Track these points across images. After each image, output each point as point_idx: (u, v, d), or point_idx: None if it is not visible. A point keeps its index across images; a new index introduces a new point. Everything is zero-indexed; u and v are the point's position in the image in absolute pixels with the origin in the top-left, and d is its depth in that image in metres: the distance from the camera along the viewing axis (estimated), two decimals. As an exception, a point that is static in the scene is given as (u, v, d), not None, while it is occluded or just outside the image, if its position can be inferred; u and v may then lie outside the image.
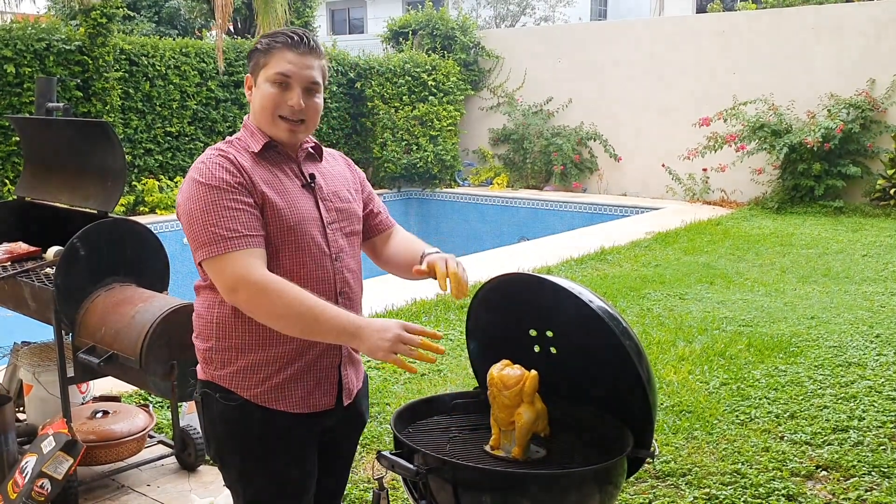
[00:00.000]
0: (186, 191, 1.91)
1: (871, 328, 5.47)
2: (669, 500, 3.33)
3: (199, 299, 2.03)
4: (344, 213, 2.08)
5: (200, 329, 2.03)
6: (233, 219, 1.86)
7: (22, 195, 3.92)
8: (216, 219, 1.85)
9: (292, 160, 2.04)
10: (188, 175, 1.94)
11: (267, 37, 2.00)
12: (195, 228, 1.87)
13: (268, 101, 1.96)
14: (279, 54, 1.95)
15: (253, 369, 1.96)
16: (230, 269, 1.84)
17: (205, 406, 2.03)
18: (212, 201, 1.86)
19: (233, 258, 1.84)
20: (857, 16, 10.69)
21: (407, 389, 4.51)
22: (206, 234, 1.85)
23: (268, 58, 1.96)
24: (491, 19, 27.85)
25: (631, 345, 1.88)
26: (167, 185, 10.88)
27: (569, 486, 1.84)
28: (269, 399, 1.97)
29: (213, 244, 1.85)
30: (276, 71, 1.95)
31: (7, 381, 3.88)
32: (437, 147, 13.34)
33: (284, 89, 1.96)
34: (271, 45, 1.97)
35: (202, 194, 1.87)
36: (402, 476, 1.90)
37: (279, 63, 1.95)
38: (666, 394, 4.38)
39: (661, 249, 8.35)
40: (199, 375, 2.06)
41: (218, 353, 1.98)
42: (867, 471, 3.51)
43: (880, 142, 10.46)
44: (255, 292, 1.84)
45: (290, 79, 1.95)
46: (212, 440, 2.06)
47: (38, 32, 9.80)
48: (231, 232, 1.85)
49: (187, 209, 1.89)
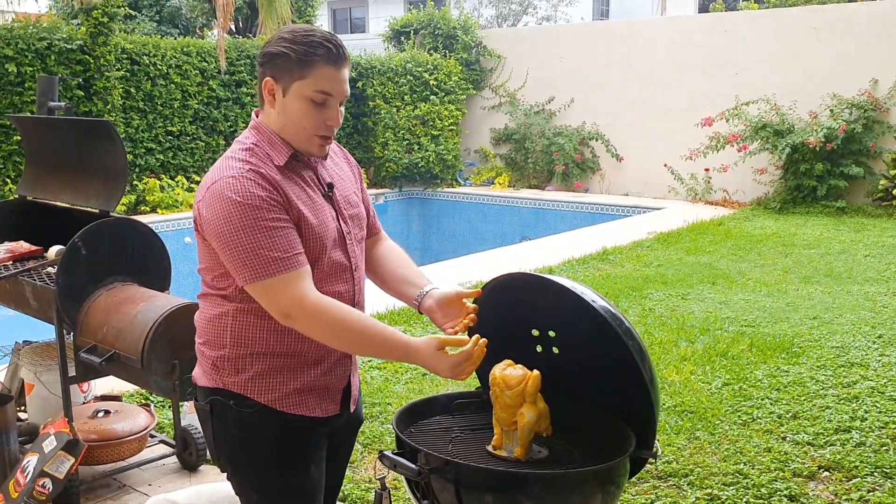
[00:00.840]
0: (220, 209, 1.79)
1: (873, 328, 5.46)
2: (671, 500, 3.32)
3: (209, 306, 1.97)
4: (356, 219, 2.05)
5: (210, 337, 1.96)
6: (279, 238, 1.79)
7: (23, 194, 3.92)
8: (261, 240, 1.77)
9: (309, 167, 1.96)
10: (215, 190, 1.81)
11: (302, 44, 1.83)
12: (237, 250, 1.78)
13: (305, 119, 1.86)
14: (320, 69, 1.83)
15: (270, 375, 1.92)
16: (283, 294, 1.79)
17: (215, 414, 1.96)
18: (253, 221, 1.77)
19: (284, 281, 1.79)
20: (860, 15, 10.68)
21: (408, 389, 4.51)
22: (251, 257, 1.77)
23: (305, 70, 1.82)
24: (493, 19, 27.86)
25: (634, 345, 1.88)
26: (168, 184, 10.88)
27: (571, 486, 1.83)
28: (286, 404, 1.94)
29: (261, 267, 1.78)
30: (317, 89, 1.83)
31: (8, 381, 3.88)
32: (439, 147, 13.34)
33: (323, 107, 1.85)
34: (309, 57, 1.82)
35: (241, 214, 1.77)
36: (404, 476, 1.90)
37: (320, 81, 1.83)
38: (668, 394, 4.38)
39: (663, 249, 8.35)
40: (204, 382, 1.99)
41: (231, 361, 1.93)
42: (869, 471, 3.50)
43: (883, 142, 10.44)
44: (311, 317, 1.81)
45: (331, 97, 1.85)
46: (222, 448, 2.00)
47: (39, 31, 9.80)
48: (280, 252, 1.78)
49: (224, 230, 1.79)
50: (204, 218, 1.83)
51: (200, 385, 2.01)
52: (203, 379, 1.99)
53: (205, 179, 1.88)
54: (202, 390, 2.00)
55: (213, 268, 1.92)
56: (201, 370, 2.01)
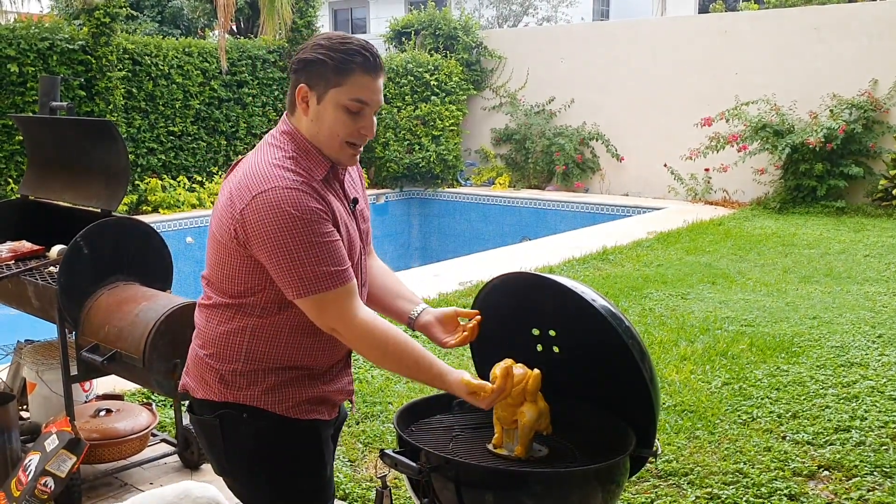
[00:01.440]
0: (275, 221, 1.74)
1: (873, 328, 5.47)
2: (671, 499, 3.33)
3: (216, 317, 1.92)
4: (367, 235, 2.05)
5: (220, 350, 1.91)
6: (333, 253, 1.79)
7: (25, 194, 3.94)
8: (317, 254, 1.76)
9: (337, 179, 1.94)
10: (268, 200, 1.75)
11: (339, 51, 1.81)
12: (292, 264, 1.76)
13: (340, 127, 1.83)
14: (357, 77, 1.81)
15: (283, 387, 1.91)
16: (333, 308, 1.80)
17: (225, 429, 1.92)
18: (310, 235, 1.75)
19: (335, 297, 1.79)
20: (860, 16, 10.69)
21: (409, 389, 4.52)
22: (307, 271, 1.76)
23: (342, 78, 1.80)
24: (493, 19, 27.85)
25: (634, 344, 1.89)
26: (170, 184, 10.90)
27: (571, 484, 1.85)
28: (301, 412, 1.93)
29: (315, 282, 1.77)
30: (353, 97, 1.81)
31: (10, 380, 3.89)
32: (440, 147, 13.35)
33: (358, 115, 1.84)
34: (347, 64, 1.80)
35: (298, 228, 1.74)
36: (405, 474, 1.91)
37: (357, 89, 1.81)
38: (668, 393, 4.39)
39: (663, 249, 8.36)
40: (209, 396, 1.93)
41: (244, 376, 1.90)
42: (869, 471, 3.51)
43: (883, 142, 10.45)
44: (359, 335, 1.84)
45: (368, 106, 1.84)
46: (237, 462, 1.96)
47: (41, 32, 9.81)
48: (335, 266, 1.78)
49: (279, 243, 1.75)
50: (250, 227, 1.77)
51: (201, 398, 1.95)
52: (206, 392, 1.94)
53: (245, 185, 1.80)
54: (205, 403, 1.94)
55: (234, 277, 1.86)
56: (202, 382, 1.95)
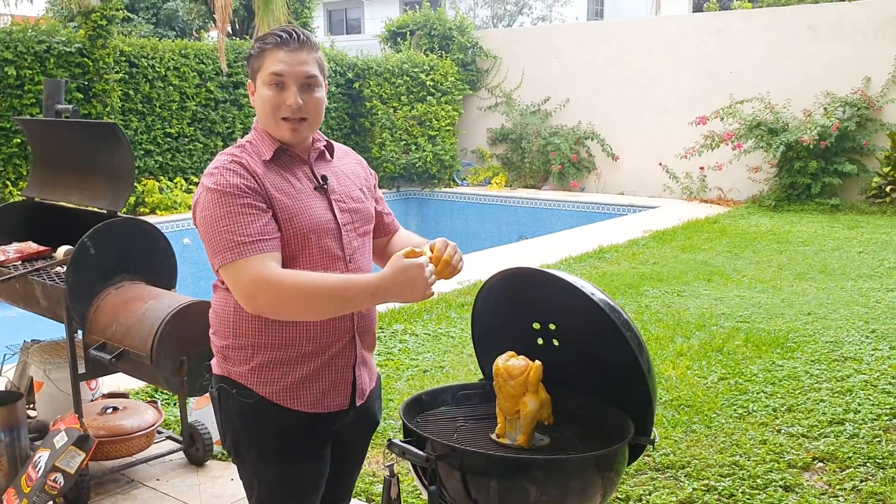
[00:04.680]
0: (201, 200, 1.93)
1: (866, 324, 5.54)
2: (669, 491, 3.40)
3: (217, 297, 2.05)
4: (358, 213, 2.09)
5: (218, 326, 2.04)
6: (247, 224, 1.86)
7: (30, 196, 3.98)
8: (230, 224, 1.86)
9: (304, 162, 2.04)
10: (201, 182, 1.95)
11: (259, 40, 2.00)
12: (211, 235, 1.88)
13: (267, 103, 1.96)
14: (271, 55, 1.95)
15: (270, 367, 1.98)
16: (246, 275, 1.85)
17: (221, 401, 2.05)
18: (226, 207, 1.87)
19: (248, 263, 1.85)
20: (853, 14, 10.77)
21: (410, 386, 4.58)
22: (221, 241, 1.86)
23: (261, 60, 1.97)
24: (488, 19, 27.92)
25: (632, 336, 1.95)
26: (167, 185, 10.94)
27: (572, 471, 1.91)
28: (284, 398, 1.99)
29: (227, 250, 1.86)
30: (269, 72, 1.95)
31: (17, 379, 3.94)
32: (436, 147, 13.41)
33: (281, 90, 1.95)
34: (263, 48, 1.97)
35: (215, 201, 1.88)
36: (412, 463, 1.97)
37: (271, 63, 1.95)
38: (665, 388, 4.45)
39: (659, 247, 8.43)
40: (215, 370, 2.07)
41: (235, 351, 2.00)
42: (862, 462, 3.58)
43: (876, 139, 10.54)
44: (273, 293, 1.85)
45: (283, 77, 1.94)
46: (228, 434, 2.08)
47: (38, 35, 9.85)
48: (245, 237, 1.85)
49: (202, 217, 1.91)
50: (193, 211, 1.98)
51: (214, 373, 2.09)
52: (216, 367, 2.08)
53: None
54: (214, 378, 2.08)
55: None
56: (215, 359, 2.08)
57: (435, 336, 5.53)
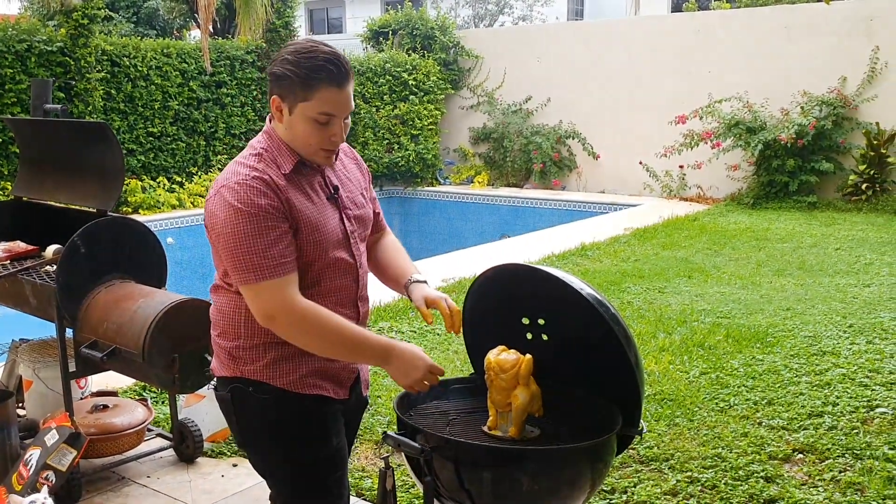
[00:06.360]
0: (223, 214, 1.90)
1: (844, 318, 5.65)
2: (653, 483, 3.46)
3: (222, 299, 2.06)
4: (360, 219, 2.14)
5: (225, 328, 2.06)
6: (271, 246, 1.89)
7: (19, 195, 3.99)
8: (254, 246, 1.88)
9: (318, 171, 2.05)
10: (221, 194, 1.92)
11: (304, 67, 1.89)
12: (232, 252, 1.90)
13: (311, 137, 1.94)
14: (324, 92, 1.89)
15: (283, 360, 2.02)
16: (268, 297, 1.90)
17: (236, 401, 2.06)
18: (250, 228, 1.88)
19: (271, 287, 1.89)
20: (829, 15, 10.90)
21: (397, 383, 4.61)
22: (244, 261, 1.89)
23: (308, 92, 1.89)
24: (469, 19, 27.98)
25: (619, 329, 2.01)
26: (150, 185, 10.90)
27: (563, 461, 1.96)
28: (302, 385, 2.04)
29: (250, 271, 1.89)
30: (321, 111, 1.91)
31: (6, 377, 3.95)
32: (419, 146, 13.45)
33: (327, 125, 1.93)
34: (311, 80, 1.89)
35: (240, 221, 1.88)
36: (406, 455, 2.02)
37: (323, 103, 1.90)
38: (648, 383, 4.52)
39: (640, 245, 8.51)
40: (223, 372, 2.08)
41: (246, 351, 2.03)
42: (841, 453, 3.66)
43: (852, 138, 10.69)
44: (293, 322, 1.92)
45: (335, 117, 1.93)
46: (248, 432, 2.10)
47: (19, 33, 9.79)
48: (269, 259, 1.88)
49: (224, 233, 1.90)
50: (208, 216, 1.96)
51: (219, 375, 2.11)
52: (221, 369, 2.09)
53: (216, 180, 1.98)
54: (221, 380, 2.10)
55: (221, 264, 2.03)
56: (219, 361, 2.10)
57: (421, 333, 5.58)
